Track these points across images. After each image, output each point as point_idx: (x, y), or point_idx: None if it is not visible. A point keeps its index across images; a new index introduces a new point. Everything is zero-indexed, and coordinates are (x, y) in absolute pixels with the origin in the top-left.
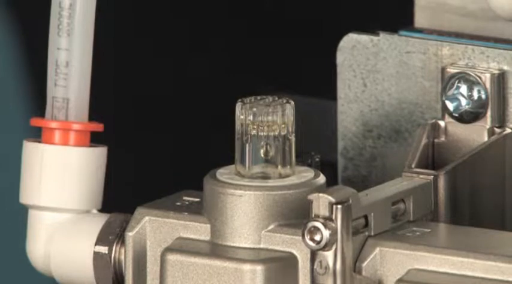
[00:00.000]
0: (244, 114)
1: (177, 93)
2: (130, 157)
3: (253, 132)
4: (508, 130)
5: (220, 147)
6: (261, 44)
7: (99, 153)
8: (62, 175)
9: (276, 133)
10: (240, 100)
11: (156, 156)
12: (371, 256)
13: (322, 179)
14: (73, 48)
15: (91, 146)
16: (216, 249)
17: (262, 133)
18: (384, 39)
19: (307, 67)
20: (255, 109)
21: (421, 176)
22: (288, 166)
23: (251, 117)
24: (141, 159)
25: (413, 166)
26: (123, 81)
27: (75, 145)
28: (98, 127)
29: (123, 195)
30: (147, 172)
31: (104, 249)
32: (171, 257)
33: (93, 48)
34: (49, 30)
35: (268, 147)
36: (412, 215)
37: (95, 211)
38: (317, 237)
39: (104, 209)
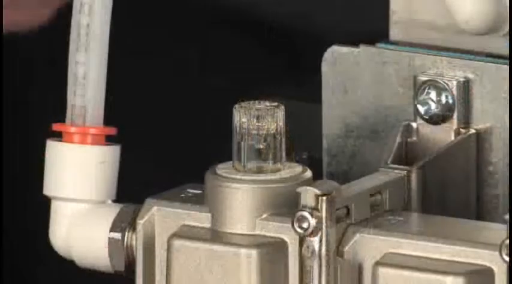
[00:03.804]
0: (241, 116)
1: (179, 98)
2: (143, 155)
3: (249, 132)
4: (472, 131)
5: (220, 145)
6: (260, 54)
7: (114, 151)
8: (81, 170)
9: (269, 133)
10: (237, 103)
11: (164, 154)
12: (352, 242)
13: (309, 174)
14: (90, 62)
15: (107, 145)
16: (216, 235)
17: (256, 133)
18: (363, 51)
19: (296, 75)
20: (250, 112)
21: (396, 171)
22: (279, 162)
23: (247, 119)
24: (151, 156)
25: (388, 162)
26: (125, 82)
27: (93, 144)
28: (112, 131)
29: (134, 187)
30: (156, 167)
31: (117, 235)
32: (177, 243)
33: None
34: (69, 46)
35: (262, 145)
36: (388, 206)
37: (109, 201)
38: (305, 225)
39: (117, 200)
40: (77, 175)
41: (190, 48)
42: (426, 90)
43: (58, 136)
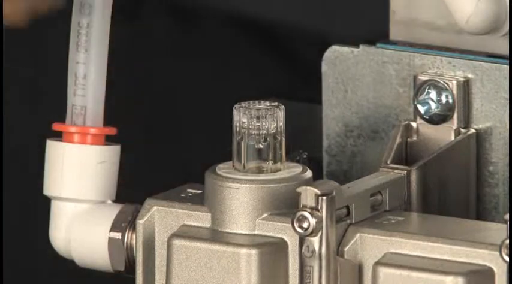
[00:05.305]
0: (241, 116)
1: (179, 98)
2: (142, 155)
3: (249, 132)
4: (472, 131)
5: (220, 145)
6: (260, 54)
7: (114, 151)
8: (81, 170)
9: (269, 133)
10: (237, 104)
11: (164, 154)
12: (352, 241)
13: (309, 173)
14: (90, 62)
15: (106, 145)
16: (216, 235)
17: (256, 133)
18: (362, 50)
19: (296, 75)
20: (250, 112)
21: (396, 171)
22: (279, 162)
23: (247, 119)
24: (151, 156)
25: (389, 162)
26: (125, 82)
27: (92, 144)
28: (112, 131)
29: (134, 187)
30: (156, 167)
31: (117, 235)
32: (177, 243)
33: None
34: (69, 46)
35: (262, 145)
36: (388, 205)
37: (109, 201)
38: (305, 225)
39: (117, 200)
40: (77, 175)
41: (190, 48)
42: (426, 90)
43: (58, 136)
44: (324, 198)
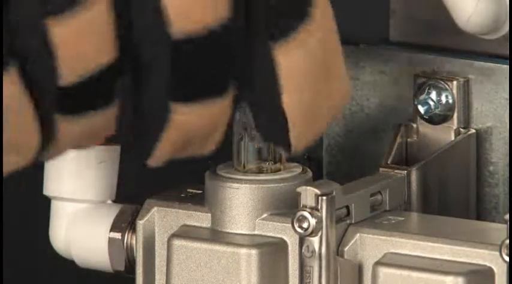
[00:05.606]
0: (241, 116)
1: None
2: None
3: (249, 132)
4: (472, 131)
5: (220, 145)
6: None
7: (114, 151)
8: (81, 169)
9: None
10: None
11: None
12: (352, 241)
13: (309, 173)
14: None
15: (106, 145)
16: (216, 235)
17: (256, 133)
18: (363, 50)
19: None
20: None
21: (396, 171)
22: (279, 162)
23: (247, 119)
24: None
25: (389, 162)
26: None
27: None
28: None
29: (134, 187)
30: (156, 168)
31: (117, 235)
32: (177, 243)
33: None
34: None
35: (261, 145)
36: (388, 206)
37: (109, 201)
38: (305, 225)
39: (117, 200)
40: (77, 175)
41: None
42: (426, 90)
43: None
44: (324, 198)
